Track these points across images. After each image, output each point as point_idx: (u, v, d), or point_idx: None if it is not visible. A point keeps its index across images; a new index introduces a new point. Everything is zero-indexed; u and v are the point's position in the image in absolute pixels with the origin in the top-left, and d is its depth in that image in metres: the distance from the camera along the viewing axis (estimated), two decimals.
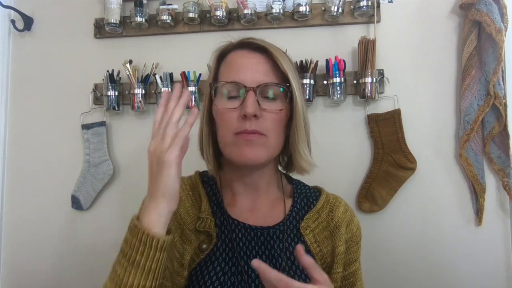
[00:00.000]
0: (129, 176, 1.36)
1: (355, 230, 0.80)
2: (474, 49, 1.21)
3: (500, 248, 1.23)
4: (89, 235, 1.35)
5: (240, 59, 0.72)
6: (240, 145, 0.68)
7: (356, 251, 0.79)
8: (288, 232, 0.74)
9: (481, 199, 1.21)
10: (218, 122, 0.73)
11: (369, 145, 1.29)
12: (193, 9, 1.29)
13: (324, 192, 0.82)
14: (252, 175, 0.76)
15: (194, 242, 0.71)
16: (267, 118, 0.69)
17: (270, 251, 0.72)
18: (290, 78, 0.70)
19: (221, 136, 0.72)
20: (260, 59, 0.71)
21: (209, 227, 0.72)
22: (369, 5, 1.24)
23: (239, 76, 0.69)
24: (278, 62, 0.70)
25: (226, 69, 0.73)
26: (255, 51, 0.72)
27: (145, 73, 1.34)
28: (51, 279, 1.36)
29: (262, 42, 0.72)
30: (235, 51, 0.74)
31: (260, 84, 0.68)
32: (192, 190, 0.78)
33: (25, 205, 1.39)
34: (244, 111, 0.66)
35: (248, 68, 0.70)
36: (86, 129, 1.34)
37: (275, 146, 0.72)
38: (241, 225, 0.73)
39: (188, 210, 0.75)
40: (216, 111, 0.73)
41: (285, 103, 0.71)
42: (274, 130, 0.70)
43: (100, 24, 1.37)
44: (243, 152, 0.68)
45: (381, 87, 1.26)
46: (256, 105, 0.67)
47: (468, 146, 1.22)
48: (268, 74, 0.70)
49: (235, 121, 0.68)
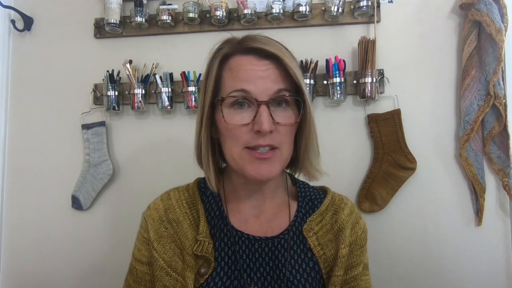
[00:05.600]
0: (129, 176, 1.36)
1: (360, 233, 0.77)
2: (474, 49, 1.21)
3: (500, 248, 1.23)
4: (89, 235, 1.35)
5: (247, 66, 0.66)
6: (254, 163, 0.65)
7: (360, 255, 0.75)
8: (294, 238, 0.72)
9: (481, 199, 1.21)
10: (224, 134, 0.68)
11: (369, 145, 1.29)
12: (193, 9, 1.29)
13: (330, 193, 0.79)
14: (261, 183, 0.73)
15: (194, 267, 0.69)
16: (281, 131, 0.66)
17: (274, 261, 0.70)
18: (302, 86, 0.67)
19: (229, 149, 0.68)
20: (269, 66, 0.66)
21: (206, 251, 0.69)
22: (369, 5, 1.24)
23: (248, 87, 0.64)
24: (290, 70, 0.66)
25: (231, 77, 0.67)
26: (263, 58, 0.67)
27: (145, 73, 1.34)
28: (51, 279, 1.36)
29: (271, 48, 0.66)
30: (240, 56, 0.68)
31: (272, 97, 0.65)
32: (189, 207, 0.75)
33: (25, 205, 1.39)
34: (258, 127, 0.63)
35: (258, 77, 0.65)
36: (86, 129, 1.34)
37: (287, 156, 0.70)
38: (244, 236, 0.71)
39: (186, 233, 0.72)
40: (223, 125, 0.67)
41: (297, 113, 0.68)
42: (287, 142, 0.68)
43: (100, 24, 1.37)
44: (258, 170, 0.65)
45: (381, 87, 1.26)
46: (270, 120, 0.63)
47: (468, 146, 1.22)
48: (279, 83, 0.66)
49: (246, 135, 0.65)
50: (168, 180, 0.87)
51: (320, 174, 0.73)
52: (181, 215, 0.74)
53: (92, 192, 1.34)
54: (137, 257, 0.75)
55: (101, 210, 1.36)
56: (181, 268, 0.69)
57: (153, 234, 0.72)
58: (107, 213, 1.36)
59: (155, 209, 0.76)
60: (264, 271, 0.70)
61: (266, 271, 0.70)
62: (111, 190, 1.36)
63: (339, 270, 0.71)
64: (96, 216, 1.36)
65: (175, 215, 0.74)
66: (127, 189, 1.35)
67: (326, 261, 0.72)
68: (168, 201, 0.77)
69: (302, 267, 0.70)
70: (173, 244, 0.71)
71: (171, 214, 0.74)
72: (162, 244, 0.71)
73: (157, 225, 0.73)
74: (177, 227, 0.73)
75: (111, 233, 1.34)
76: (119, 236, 1.33)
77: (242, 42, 0.69)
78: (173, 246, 0.71)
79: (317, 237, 0.73)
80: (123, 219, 1.33)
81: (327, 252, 0.72)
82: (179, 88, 1.31)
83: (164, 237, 0.72)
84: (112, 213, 1.36)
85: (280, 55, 0.66)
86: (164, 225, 0.73)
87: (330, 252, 0.73)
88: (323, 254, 0.72)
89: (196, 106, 1.28)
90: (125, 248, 0.80)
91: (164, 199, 0.78)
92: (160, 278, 0.69)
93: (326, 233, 0.74)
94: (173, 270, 0.69)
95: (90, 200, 1.34)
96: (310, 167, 0.72)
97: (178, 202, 0.76)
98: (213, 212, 0.75)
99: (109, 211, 1.36)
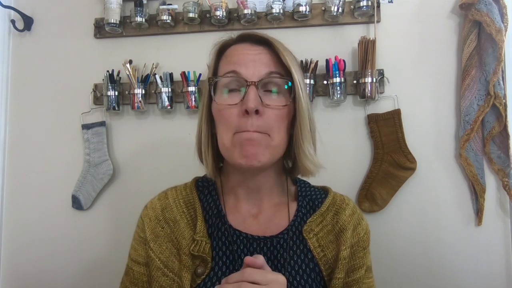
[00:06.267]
0: (129, 176, 1.35)
1: (363, 235, 0.75)
2: (474, 49, 1.21)
3: (500, 248, 1.23)
4: (89, 235, 1.35)
5: (240, 51, 0.69)
6: (241, 145, 0.65)
7: (362, 257, 0.74)
8: (294, 238, 0.71)
9: (481, 199, 1.21)
10: (217, 120, 0.69)
11: (369, 145, 1.29)
12: (193, 9, 1.29)
13: (332, 193, 0.78)
14: (256, 178, 0.72)
15: (191, 267, 0.68)
16: (270, 115, 0.65)
17: (273, 262, 0.69)
18: (293, 72, 0.67)
19: (221, 136, 0.68)
20: (261, 51, 0.68)
21: (203, 251, 0.68)
22: (369, 5, 1.24)
23: (239, 69, 0.66)
24: (281, 54, 0.67)
25: (225, 63, 0.70)
26: (257, 44, 0.69)
27: (145, 73, 1.33)
28: (51, 279, 1.36)
29: (264, 35, 0.69)
30: (236, 45, 0.71)
31: (262, 78, 0.66)
32: (186, 206, 0.74)
33: (25, 205, 1.39)
34: (245, 106, 0.63)
35: (249, 60, 0.67)
36: (86, 129, 1.34)
37: (278, 146, 0.68)
38: (243, 235, 0.70)
39: (183, 232, 0.71)
40: (215, 109, 0.69)
41: (289, 99, 0.67)
42: (277, 128, 0.66)
43: (100, 24, 1.37)
44: (245, 152, 0.64)
45: (381, 87, 1.26)
46: (258, 99, 0.64)
47: (468, 146, 1.22)
48: (270, 67, 0.67)
49: (236, 119, 0.65)
50: (168, 180, 0.87)
51: (315, 166, 0.71)
52: (178, 214, 0.73)
53: (92, 192, 1.34)
54: (133, 257, 0.74)
55: (101, 210, 1.36)
56: (178, 268, 0.68)
57: (149, 233, 0.72)
58: (107, 213, 1.36)
59: (152, 208, 0.75)
60: None
61: None
62: (111, 190, 1.36)
63: (340, 272, 0.70)
64: (96, 216, 1.36)
65: (172, 214, 0.73)
66: (127, 189, 1.35)
67: (326, 263, 0.71)
68: (165, 200, 0.76)
69: (302, 268, 0.69)
70: (169, 243, 0.71)
71: (168, 213, 0.74)
72: (159, 244, 0.71)
73: (153, 224, 0.73)
74: (174, 226, 0.72)
75: (111, 233, 1.34)
76: (119, 236, 1.33)
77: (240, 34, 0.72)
78: (170, 246, 0.70)
79: (317, 238, 0.72)
80: (123, 219, 1.33)
81: (327, 253, 0.71)
82: (179, 88, 1.31)
83: (161, 236, 0.71)
84: (112, 213, 1.36)
85: (272, 40, 0.68)
86: (161, 225, 0.72)
87: (331, 254, 0.71)
88: (323, 255, 0.71)
89: (196, 106, 1.28)
90: (126, 248, 0.79)
91: (161, 198, 0.77)
92: (157, 278, 0.69)
93: (327, 234, 0.73)
94: (169, 270, 0.69)
95: (90, 200, 1.34)
96: (304, 157, 0.69)
97: (176, 201, 0.75)
98: (211, 211, 0.74)
99: (109, 211, 1.36)
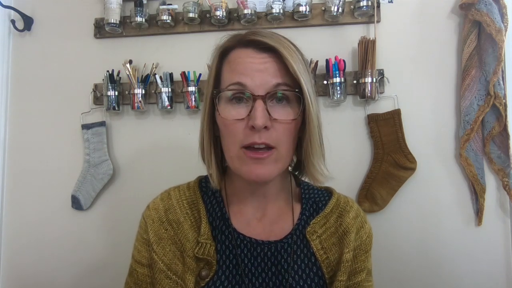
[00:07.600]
0: (129, 176, 1.36)
1: (365, 238, 0.74)
2: (474, 49, 1.21)
3: (500, 248, 1.23)
4: (89, 235, 1.35)
5: (245, 59, 0.64)
6: (249, 164, 0.63)
7: (364, 260, 0.73)
8: (298, 242, 0.70)
9: (481, 199, 1.21)
10: (222, 131, 0.66)
11: (369, 145, 1.29)
12: (193, 9, 1.29)
13: (335, 195, 0.77)
14: (262, 186, 0.71)
15: (195, 270, 0.67)
16: (278, 129, 0.63)
17: (276, 266, 0.68)
18: (302, 82, 0.62)
19: (227, 147, 0.66)
20: (267, 59, 0.63)
21: (208, 254, 0.67)
22: (369, 5, 1.24)
23: (245, 80, 0.62)
24: (288, 64, 0.62)
25: (229, 71, 0.65)
26: (263, 51, 0.64)
27: (145, 73, 1.34)
28: (51, 279, 1.36)
29: (270, 40, 0.63)
30: (239, 49, 0.66)
31: (269, 91, 0.62)
32: (190, 208, 0.73)
33: (25, 205, 1.39)
34: (252, 123, 0.60)
35: (255, 70, 0.62)
36: (86, 129, 1.34)
37: (286, 157, 0.66)
38: (247, 239, 0.69)
39: (186, 234, 0.70)
40: (220, 120, 0.66)
41: (298, 111, 0.64)
42: (286, 141, 0.64)
43: (100, 24, 1.37)
44: (253, 171, 0.63)
45: (381, 87, 1.26)
46: (266, 115, 0.61)
47: (468, 146, 1.22)
48: (277, 77, 0.63)
49: (242, 132, 0.62)
50: (168, 180, 0.86)
51: (324, 178, 0.70)
52: (182, 215, 0.72)
53: (92, 192, 1.34)
54: (137, 259, 0.73)
55: (101, 210, 1.36)
56: (182, 270, 0.68)
57: (152, 235, 0.71)
58: (107, 213, 1.36)
59: (155, 209, 0.74)
60: (266, 276, 0.68)
61: (268, 277, 0.68)
62: (111, 190, 1.36)
63: (342, 275, 0.69)
64: (96, 216, 1.36)
65: (175, 216, 0.72)
66: (127, 189, 1.35)
67: (329, 265, 0.70)
68: (168, 201, 0.74)
69: (306, 272, 0.69)
70: (173, 246, 0.70)
71: (171, 214, 0.72)
72: (162, 246, 0.70)
73: (156, 226, 0.71)
74: (177, 228, 0.71)
75: (111, 233, 1.34)
76: (119, 236, 1.33)
77: (243, 35, 0.67)
78: (173, 248, 0.69)
79: (320, 240, 0.71)
80: (123, 219, 1.33)
81: (330, 256, 0.71)
82: (179, 88, 1.31)
83: (164, 238, 0.70)
84: (112, 213, 1.36)
85: (278, 47, 0.62)
86: (164, 226, 0.71)
87: (334, 256, 0.71)
88: (326, 258, 0.70)
89: (196, 106, 1.28)
90: (125, 248, 0.79)
91: (164, 198, 0.76)
92: (160, 281, 0.68)
93: (330, 237, 0.72)
94: (173, 273, 0.68)
95: (90, 200, 1.34)
96: (313, 170, 0.68)
97: (179, 202, 0.74)
98: (214, 213, 0.72)
99: (109, 211, 1.36)
